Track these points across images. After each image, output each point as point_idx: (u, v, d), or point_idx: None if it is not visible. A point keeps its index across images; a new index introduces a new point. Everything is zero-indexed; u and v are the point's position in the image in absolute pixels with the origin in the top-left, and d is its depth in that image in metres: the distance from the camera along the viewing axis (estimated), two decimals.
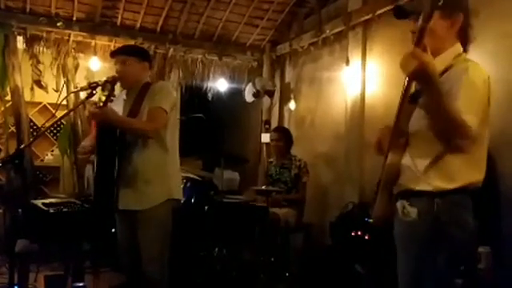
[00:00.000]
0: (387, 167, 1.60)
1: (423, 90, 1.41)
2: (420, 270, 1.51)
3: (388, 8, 3.68)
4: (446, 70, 1.52)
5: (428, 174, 1.50)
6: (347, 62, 4.15)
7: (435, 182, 1.49)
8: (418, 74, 1.34)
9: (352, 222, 3.42)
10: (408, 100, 1.51)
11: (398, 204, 1.59)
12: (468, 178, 1.49)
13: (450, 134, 1.41)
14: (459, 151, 1.45)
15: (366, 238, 3.18)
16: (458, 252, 1.48)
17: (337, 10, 4.42)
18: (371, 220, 1.73)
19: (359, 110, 4.03)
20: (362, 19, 4.00)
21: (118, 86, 2.56)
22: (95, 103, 2.39)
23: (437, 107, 1.37)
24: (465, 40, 1.60)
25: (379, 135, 1.68)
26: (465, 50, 1.61)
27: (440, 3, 1.34)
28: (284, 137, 4.33)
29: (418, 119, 1.54)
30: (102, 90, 2.31)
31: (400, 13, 1.59)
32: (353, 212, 3.65)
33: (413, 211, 1.52)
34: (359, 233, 3.25)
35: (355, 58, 4.10)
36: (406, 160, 1.56)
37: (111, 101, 2.35)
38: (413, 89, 1.55)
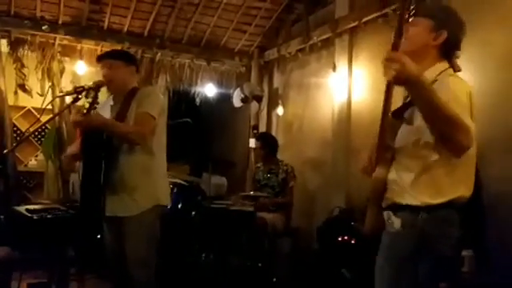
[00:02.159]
0: (374, 182, 1.60)
1: (411, 93, 1.38)
2: (399, 280, 1.50)
3: (374, 15, 3.73)
4: None
5: (414, 188, 1.50)
6: (334, 69, 4.18)
7: (421, 197, 1.48)
8: (401, 77, 1.32)
9: (339, 226, 3.44)
10: (392, 115, 1.51)
11: (385, 214, 1.59)
12: (454, 192, 1.49)
13: (452, 131, 1.34)
14: (459, 153, 1.39)
15: (353, 242, 3.20)
16: (441, 267, 1.48)
17: (324, 16, 4.46)
18: (364, 233, 1.72)
19: (346, 115, 4.06)
20: (349, 26, 4.04)
21: (104, 92, 2.53)
22: (79, 109, 2.36)
23: (431, 106, 1.33)
24: (450, 63, 1.59)
25: (370, 154, 1.66)
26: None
27: (410, 20, 1.35)
28: (264, 144, 4.34)
29: (403, 135, 1.55)
30: (86, 96, 2.29)
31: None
32: (339, 217, 3.67)
33: (397, 222, 1.53)
34: (346, 238, 3.27)
35: (342, 65, 4.13)
36: (392, 175, 1.56)
37: (94, 108, 2.32)
38: (397, 105, 1.56)
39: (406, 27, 1.46)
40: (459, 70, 1.60)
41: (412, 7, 1.37)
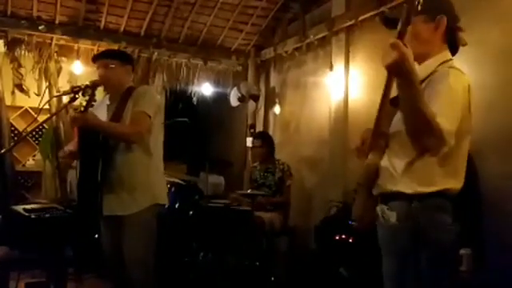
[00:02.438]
0: (366, 167, 1.62)
1: (399, 84, 1.39)
2: (403, 273, 1.52)
3: (371, 14, 3.74)
4: (428, 76, 1.54)
5: (406, 175, 1.51)
6: (331, 67, 4.19)
7: (413, 185, 1.50)
8: (395, 67, 1.33)
9: (336, 225, 3.44)
10: (390, 102, 1.52)
11: (378, 209, 1.60)
12: (445, 183, 1.50)
13: (420, 134, 1.37)
14: (430, 154, 1.44)
15: (351, 241, 3.21)
16: (440, 254, 1.49)
17: (320, 15, 4.47)
18: (354, 222, 1.75)
19: (343, 114, 4.07)
20: (345, 25, 4.05)
21: (101, 91, 2.54)
22: (75, 108, 2.37)
23: (411, 104, 1.35)
24: (454, 43, 1.62)
25: (363, 136, 1.68)
26: (454, 53, 1.62)
27: (419, 8, 1.36)
28: (266, 143, 4.34)
29: (398, 122, 1.55)
30: (83, 94, 2.30)
31: (387, 21, 1.61)
32: (337, 215, 3.68)
33: (392, 215, 1.54)
34: (343, 236, 3.28)
35: (338, 63, 4.14)
36: (385, 161, 1.58)
37: (92, 106, 2.33)
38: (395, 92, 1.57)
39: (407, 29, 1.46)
40: (465, 44, 1.63)
41: None
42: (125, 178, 2.41)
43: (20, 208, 2.71)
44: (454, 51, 1.63)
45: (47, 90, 4.57)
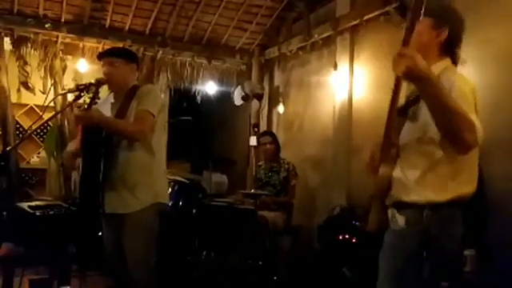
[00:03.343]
0: (378, 179, 1.61)
1: (420, 89, 1.39)
2: (405, 276, 1.51)
3: (375, 13, 3.73)
4: None
5: (419, 185, 1.51)
6: (335, 67, 4.18)
7: (426, 194, 1.49)
8: (410, 72, 1.33)
9: (340, 225, 3.44)
10: (397, 113, 1.52)
11: (389, 212, 1.60)
12: (459, 189, 1.49)
13: (460, 131, 1.34)
14: (464, 151, 1.40)
15: (354, 241, 3.21)
16: (446, 263, 1.49)
17: (325, 14, 4.46)
18: (367, 230, 1.73)
19: (347, 113, 4.06)
20: (350, 24, 4.04)
21: (105, 89, 2.55)
22: (79, 106, 2.38)
23: (441, 103, 1.34)
24: (452, 58, 1.62)
25: (372, 151, 1.67)
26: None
27: (421, 13, 1.36)
28: (275, 140, 4.35)
29: (408, 132, 1.56)
30: (87, 92, 2.31)
31: (403, 10, 1.62)
32: (340, 215, 3.67)
33: (401, 219, 1.54)
34: (347, 236, 3.28)
35: (343, 63, 4.13)
36: (397, 172, 1.57)
37: (96, 103, 2.34)
38: (402, 102, 1.57)
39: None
40: (460, 63, 1.62)
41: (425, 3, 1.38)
42: (126, 177, 2.42)
43: (25, 205, 2.73)
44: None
45: (52, 88, 4.59)
